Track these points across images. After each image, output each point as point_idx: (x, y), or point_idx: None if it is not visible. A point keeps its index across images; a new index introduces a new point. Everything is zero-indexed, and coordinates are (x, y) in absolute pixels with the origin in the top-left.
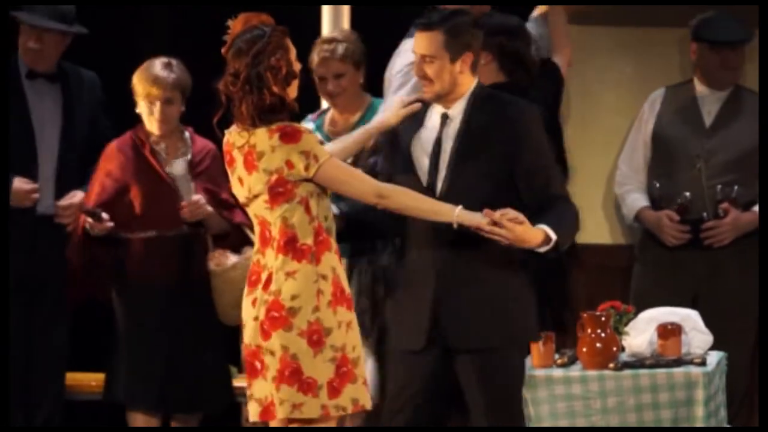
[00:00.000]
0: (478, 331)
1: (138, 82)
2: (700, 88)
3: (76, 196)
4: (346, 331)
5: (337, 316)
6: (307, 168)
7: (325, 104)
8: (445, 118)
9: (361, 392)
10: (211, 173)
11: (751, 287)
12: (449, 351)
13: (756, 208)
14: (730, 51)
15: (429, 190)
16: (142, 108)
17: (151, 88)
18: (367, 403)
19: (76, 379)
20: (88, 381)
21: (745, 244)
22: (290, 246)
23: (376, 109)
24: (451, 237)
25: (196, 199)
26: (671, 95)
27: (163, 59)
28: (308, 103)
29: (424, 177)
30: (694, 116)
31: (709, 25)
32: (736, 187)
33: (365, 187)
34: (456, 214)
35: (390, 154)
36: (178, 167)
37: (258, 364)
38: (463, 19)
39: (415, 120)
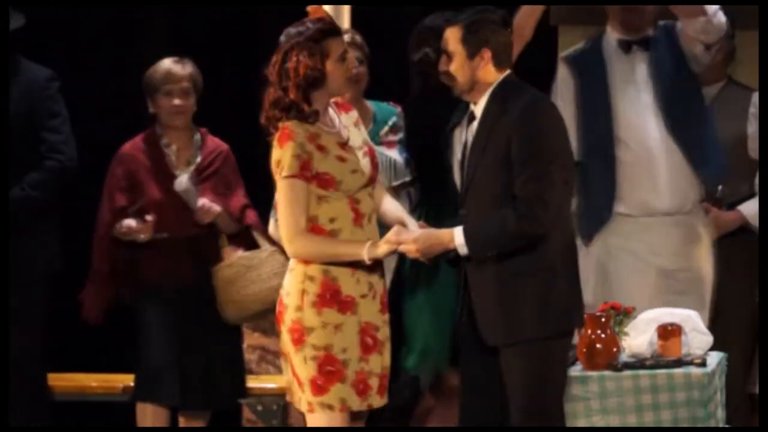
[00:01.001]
0: (492, 328)
1: (151, 79)
2: None
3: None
4: (333, 332)
5: (322, 317)
6: (273, 174)
7: None
8: (472, 116)
9: (350, 393)
10: (222, 174)
11: (744, 288)
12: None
13: (742, 207)
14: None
15: (460, 186)
16: (159, 103)
17: (166, 81)
18: (354, 405)
19: (69, 379)
20: (82, 381)
21: (735, 245)
22: None
23: (379, 118)
24: None
25: (200, 204)
26: None
27: (173, 58)
28: None
29: (457, 172)
30: None
31: None
32: (720, 187)
33: (287, 226)
34: (366, 250)
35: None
36: (180, 184)
37: None
38: (484, 16)
39: (457, 119)
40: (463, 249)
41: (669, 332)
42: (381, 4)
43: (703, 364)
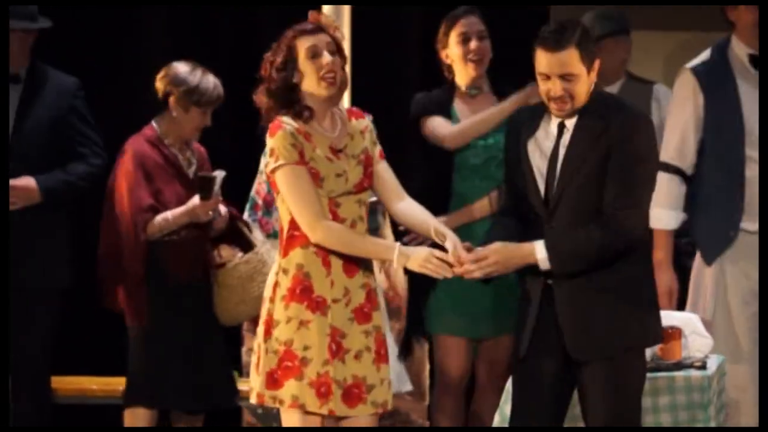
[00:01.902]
0: (596, 339)
1: (203, 92)
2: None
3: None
4: (297, 328)
5: (288, 312)
6: (267, 164)
7: None
8: (562, 126)
9: (304, 392)
10: None
11: None
12: (568, 358)
13: None
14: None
15: (545, 200)
16: (191, 113)
17: (215, 101)
18: (309, 405)
19: (70, 382)
20: (77, 384)
21: None
22: (279, 236)
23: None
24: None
25: (225, 211)
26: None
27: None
28: None
29: (542, 185)
30: None
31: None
32: None
33: (302, 215)
34: (397, 256)
35: (513, 162)
36: (218, 182)
37: None
38: (583, 28)
39: (531, 126)
40: (545, 264)
41: (669, 335)
42: (381, 4)
43: (703, 367)
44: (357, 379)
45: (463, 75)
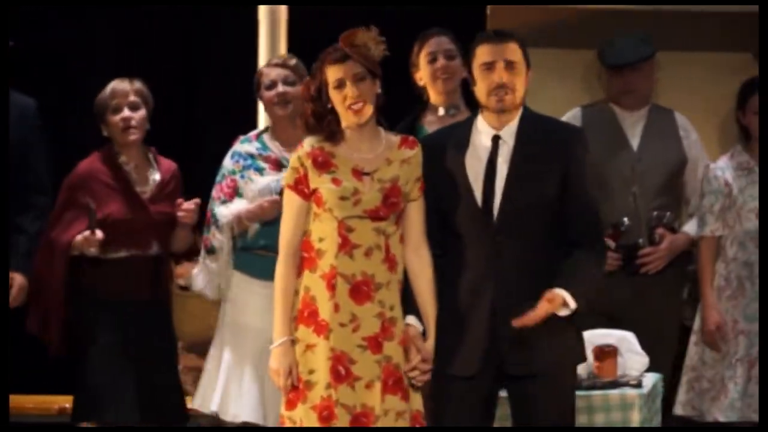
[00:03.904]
0: (537, 356)
1: (99, 99)
2: (616, 109)
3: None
4: (303, 351)
5: (298, 333)
6: None
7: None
8: (497, 139)
9: (309, 415)
10: (178, 192)
11: (671, 313)
12: (504, 376)
13: (686, 228)
14: (630, 72)
15: (485, 214)
16: (109, 121)
17: (114, 97)
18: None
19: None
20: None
21: (668, 270)
22: None
23: None
24: (507, 260)
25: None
26: (588, 116)
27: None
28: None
29: (479, 200)
30: (619, 139)
31: (608, 48)
32: (668, 213)
33: (281, 238)
34: (280, 341)
35: (442, 177)
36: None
37: None
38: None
39: (458, 141)
40: (571, 306)
41: (605, 353)
42: (318, 4)
43: (639, 385)
44: (366, 408)
45: (434, 94)
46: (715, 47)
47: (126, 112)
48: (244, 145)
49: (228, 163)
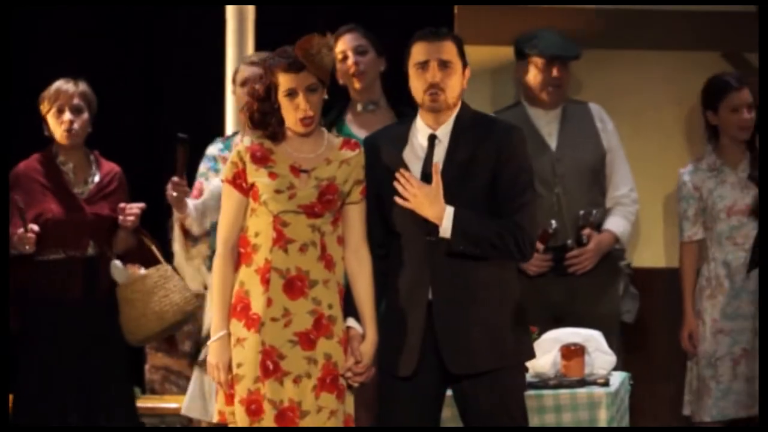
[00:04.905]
0: (477, 355)
1: (42, 98)
2: (530, 110)
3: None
4: (234, 345)
5: (231, 327)
6: None
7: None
8: (432, 138)
9: (236, 408)
10: (118, 195)
11: (609, 309)
12: (445, 376)
13: (609, 226)
14: (561, 66)
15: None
16: (50, 121)
17: (57, 99)
18: (240, 422)
19: None
20: None
21: (599, 268)
22: None
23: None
24: (444, 258)
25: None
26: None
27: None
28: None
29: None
30: (536, 141)
31: (538, 40)
32: (594, 211)
33: (219, 231)
34: (218, 336)
35: (381, 176)
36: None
37: None
38: (456, 34)
39: (397, 139)
40: (446, 232)
41: (572, 352)
42: (286, 3)
43: (606, 383)
44: (292, 403)
45: (351, 92)
46: (685, 46)
47: (68, 115)
48: (210, 147)
49: (200, 165)
